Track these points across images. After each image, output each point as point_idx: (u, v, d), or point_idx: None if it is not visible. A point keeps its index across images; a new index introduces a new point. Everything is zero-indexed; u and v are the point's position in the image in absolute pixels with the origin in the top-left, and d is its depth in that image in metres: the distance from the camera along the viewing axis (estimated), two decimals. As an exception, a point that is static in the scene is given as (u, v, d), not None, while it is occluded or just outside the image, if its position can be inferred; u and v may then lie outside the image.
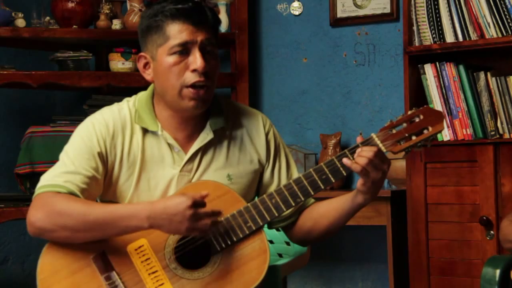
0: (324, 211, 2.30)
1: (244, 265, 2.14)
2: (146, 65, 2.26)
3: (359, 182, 2.17)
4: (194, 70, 2.16)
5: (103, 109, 2.30)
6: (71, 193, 2.14)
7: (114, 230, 2.11)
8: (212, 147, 2.27)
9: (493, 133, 3.38)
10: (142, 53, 2.27)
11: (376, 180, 2.14)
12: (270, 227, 2.37)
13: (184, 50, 2.18)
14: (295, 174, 2.36)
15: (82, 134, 2.23)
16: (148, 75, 2.26)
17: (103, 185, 2.24)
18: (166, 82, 2.20)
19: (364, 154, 2.12)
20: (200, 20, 2.19)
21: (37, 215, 2.12)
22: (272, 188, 2.32)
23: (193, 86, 2.17)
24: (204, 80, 2.17)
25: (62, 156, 2.23)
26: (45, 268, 2.14)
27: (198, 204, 2.07)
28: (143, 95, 2.31)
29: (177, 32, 2.17)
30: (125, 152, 2.23)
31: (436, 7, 3.49)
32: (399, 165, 3.64)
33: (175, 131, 2.26)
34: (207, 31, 2.19)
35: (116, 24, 3.99)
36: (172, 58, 2.18)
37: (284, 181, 2.33)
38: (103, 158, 2.22)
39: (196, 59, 2.16)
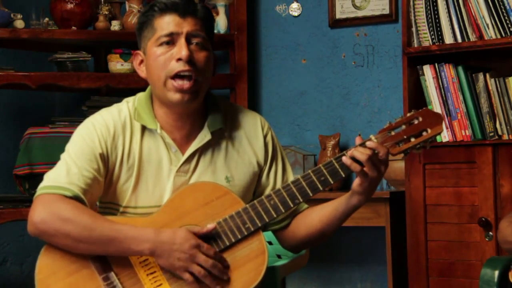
0: (318, 216, 2.28)
1: (243, 266, 2.14)
2: (141, 62, 2.29)
3: (355, 183, 2.16)
4: (179, 59, 2.17)
5: (102, 111, 2.30)
6: (76, 196, 2.14)
7: (116, 249, 2.11)
8: (210, 148, 2.27)
9: (492, 134, 3.38)
10: (137, 51, 2.29)
11: (373, 180, 2.14)
12: (264, 229, 2.36)
13: (170, 40, 2.19)
14: (291, 178, 2.35)
15: (83, 135, 2.23)
16: (142, 71, 2.28)
17: (103, 186, 2.24)
18: (153, 74, 2.21)
19: (362, 149, 2.11)
20: (187, 11, 2.20)
21: (41, 216, 2.12)
22: (267, 191, 2.31)
23: (178, 76, 2.17)
24: (190, 69, 2.17)
25: (64, 156, 2.22)
26: (43, 268, 2.14)
27: (202, 248, 2.08)
28: (142, 95, 2.32)
29: (164, 24, 2.20)
30: (125, 153, 2.24)
31: (435, 8, 3.49)
32: (398, 166, 3.64)
33: (173, 130, 2.26)
34: (194, 23, 2.20)
35: (115, 25, 3.99)
36: (159, 49, 2.20)
37: (279, 184, 2.32)
38: (105, 159, 2.22)
39: (180, 49, 2.17)
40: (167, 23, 2.19)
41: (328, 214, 2.27)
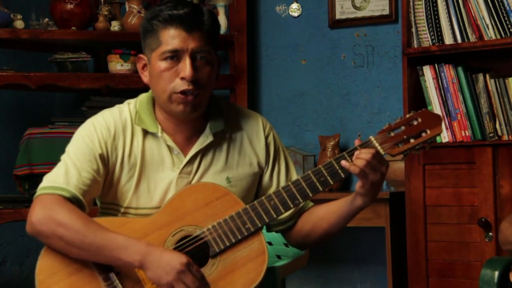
0: (323, 214, 2.30)
1: (243, 267, 2.14)
2: (144, 66, 2.28)
3: (357, 185, 2.16)
4: (182, 78, 2.17)
5: (104, 111, 2.30)
6: (74, 197, 2.15)
7: (106, 258, 2.11)
8: (212, 150, 2.28)
9: (491, 135, 3.38)
10: (141, 55, 2.28)
11: (374, 182, 2.14)
12: (268, 230, 2.37)
13: (175, 56, 2.18)
14: (295, 177, 2.36)
15: (83, 136, 2.24)
16: (145, 76, 2.28)
17: (103, 186, 2.24)
18: (158, 86, 2.21)
19: (362, 156, 2.11)
20: (193, 27, 2.18)
21: (38, 217, 2.12)
22: (271, 191, 2.31)
23: (182, 92, 2.18)
24: (193, 88, 2.17)
25: (64, 157, 2.23)
26: (44, 269, 2.15)
27: (192, 268, 2.07)
28: (144, 97, 2.31)
29: (169, 38, 2.18)
30: (126, 155, 2.24)
31: (435, 9, 3.49)
32: (397, 166, 3.64)
33: (174, 133, 2.26)
34: (200, 38, 2.18)
35: (115, 26, 3.99)
36: (164, 64, 2.19)
37: (283, 184, 2.32)
38: (104, 160, 2.22)
39: (185, 68, 2.16)
40: (172, 37, 2.17)
41: (334, 214, 2.27)
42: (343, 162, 2.14)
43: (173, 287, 2.07)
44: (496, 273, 2.52)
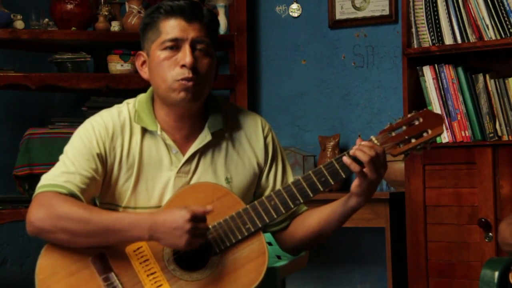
0: (317, 216, 2.29)
1: (243, 267, 2.14)
2: (143, 63, 2.28)
3: (354, 184, 2.16)
4: (182, 66, 2.17)
5: (102, 112, 2.30)
6: (72, 194, 2.15)
7: (114, 238, 2.11)
8: (211, 149, 2.28)
9: (491, 135, 3.38)
10: (140, 51, 2.29)
11: (372, 181, 2.14)
12: (264, 231, 2.36)
13: (175, 45, 2.19)
14: (291, 179, 2.35)
15: (82, 136, 2.24)
16: (144, 73, 2.28)
17: (101, 186, 2.24)
18: (158, 77, 2.21)
19: (365, 150, 2.11)
20: (193, 17, 2.20)
21: (37, 215, 2.12)
22: (267, 192, 2.31)
23: (182, 80, 2.18)
24: (193, 76, 2.18)
25: (62, 157, 2.23)
26: (44, 269, 2.15)
27: (198, 218, 2.08)
28: (143, 97, 2.32)
29: (169, 27, 2.20)
30: (124, 154, 2.24)
31: (435, 9, 3.49)
32: (398, 167, 3.64)
33: (173, 131, 2.26)
34: (200, 29, 2.20)
35: (115, 26, 3.99)
36: (164, 54, 2.20)
37: (279, 185, 2.32)
38: (103, 159, 2.22)
39: (185, 55, 2.17)
40: (172, 27, 2.19)
41: (327, 215, 2.27)
42: (345, 159, 2.13)
43: (191, 243, 2.07)
44: (496, 274, 2.53)
